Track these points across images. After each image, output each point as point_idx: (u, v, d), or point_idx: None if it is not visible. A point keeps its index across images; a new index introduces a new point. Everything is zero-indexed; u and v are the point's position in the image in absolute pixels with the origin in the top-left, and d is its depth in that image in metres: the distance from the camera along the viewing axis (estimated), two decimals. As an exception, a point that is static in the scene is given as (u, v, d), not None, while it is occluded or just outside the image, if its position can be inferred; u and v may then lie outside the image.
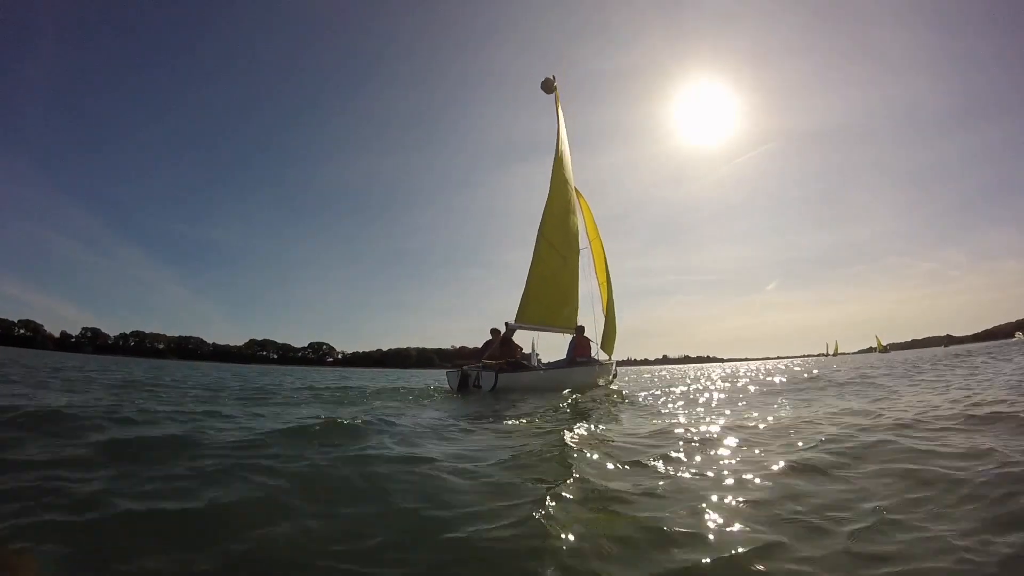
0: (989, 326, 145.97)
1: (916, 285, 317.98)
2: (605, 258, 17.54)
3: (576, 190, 16.11)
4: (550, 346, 14.69)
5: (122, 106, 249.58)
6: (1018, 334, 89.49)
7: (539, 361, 13.15)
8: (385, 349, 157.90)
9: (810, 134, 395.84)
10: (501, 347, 12.24)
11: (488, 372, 10.86)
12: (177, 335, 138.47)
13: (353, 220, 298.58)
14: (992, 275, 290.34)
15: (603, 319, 16.57)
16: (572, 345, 13.78)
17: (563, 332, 13.89)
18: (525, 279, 12.86)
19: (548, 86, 15.87)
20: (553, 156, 14.67)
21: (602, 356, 15.18)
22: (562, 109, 15.96)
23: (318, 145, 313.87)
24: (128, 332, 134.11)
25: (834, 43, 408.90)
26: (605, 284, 17.16)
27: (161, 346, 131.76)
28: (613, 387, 13.72)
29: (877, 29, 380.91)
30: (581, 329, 14.06)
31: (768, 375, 18.77)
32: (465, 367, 11.42)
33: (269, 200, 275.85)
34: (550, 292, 13.22)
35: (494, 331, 12.97)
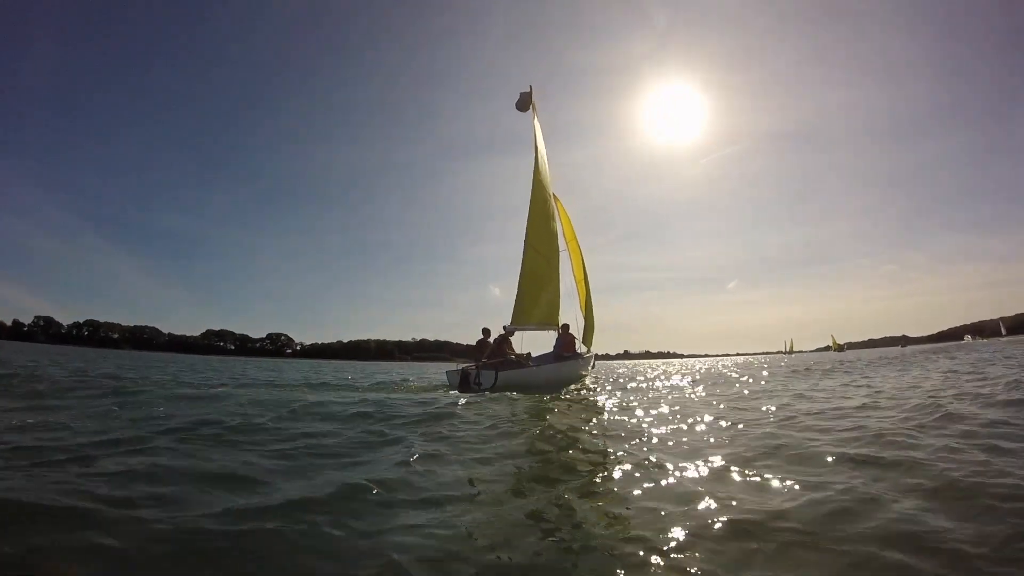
0: (944, 328, 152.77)
1: (875, 286, 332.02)
2: (582, 258, 18.49)
3: (554, 196, 16.87)
4: (535, 344, 15.49)
5: (83, 94, 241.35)
6: (967, 337, 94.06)
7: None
8: (345, 341, 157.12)
9: (774, 136, 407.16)
10: (498, 348, 13.05)
11: (488, 371, 11.52)
12: (132, 325, 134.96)
13: (317, 210, 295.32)
14: (949, 278, 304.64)
15: (581, 315, 17.56)
16: (559, 342, 14.79)
17: (550, 329, 14.69)
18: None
19: (524, 103, 15.99)
20: (533, 160, 15.38)
21: (581, 349, 16.13)
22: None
23: (288, 134, 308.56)
24: (82, 321, 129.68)
25: (798, 49, 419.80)
26: (583, 282, 18.12)
27: (116, 336, 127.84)
28: (590, 380, 14.60)
29: (841, 36, 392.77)
30: (566, 327, 15.10)
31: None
32: (465, 366, 12.07)
33: (232, 188, 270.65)
34: (539, 294, 14.19)
35: (485, 331, 13.86)
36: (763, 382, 12.30)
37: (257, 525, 2.35)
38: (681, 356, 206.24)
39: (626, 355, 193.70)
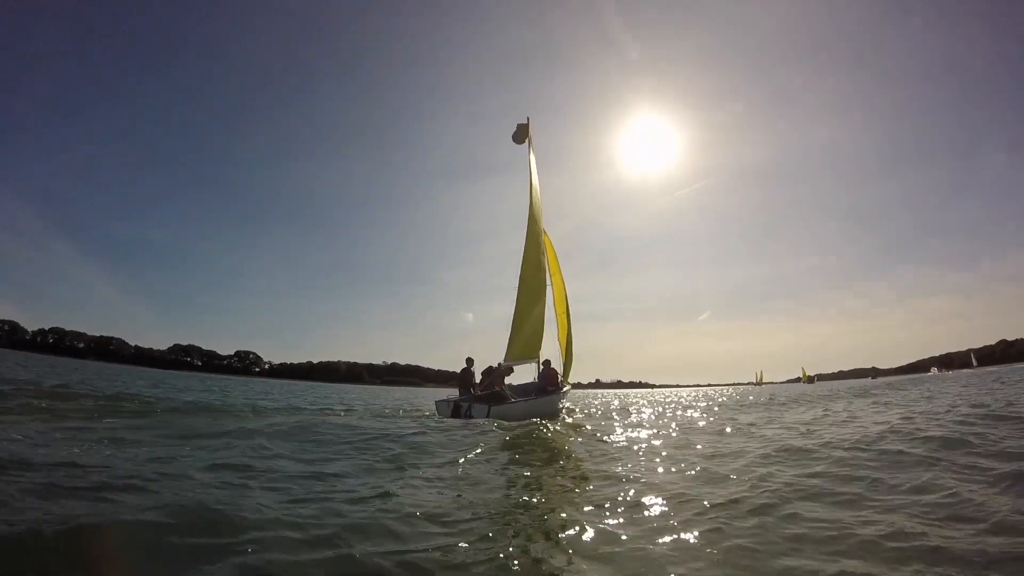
0: (913, 360, 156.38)
1: (844, 319, 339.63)
2: (565, 292, 18.80)
3: (543, 230, 17.21)
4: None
5: (59, 99, 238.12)
6: (933, 369, 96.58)
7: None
8: (315, 362, 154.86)
9: (744, 172, 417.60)
10: (491, 382, 13.56)
11: (481, 404, 11.83)
12: (98, 335, 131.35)
13: (295, 228, 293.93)
14: (916, 311, 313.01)
15: (560, 348, 17.74)
16: (543, 375, 15.18)
17: (534, 362, 15.04)
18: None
19: (521, 135, 16.39)
20: (528, 194, 15.88)
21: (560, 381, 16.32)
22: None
23: (268, 152, 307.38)
24: (47, 328, 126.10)
25: (767, 87, 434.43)
26: (565, 315, 18.37)
27: (81, 345, 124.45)
28: (566, 414, 14.92)
29: (810, 75, 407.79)
30: (548, 363, 15.47)
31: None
32: (457, 399, 12.40)
33: (209, 203, 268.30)
34: (528, 330, 14.46)
35: (469, 360, 14.38)
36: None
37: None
38: (652, 386, 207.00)
39: (597, 384, 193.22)
